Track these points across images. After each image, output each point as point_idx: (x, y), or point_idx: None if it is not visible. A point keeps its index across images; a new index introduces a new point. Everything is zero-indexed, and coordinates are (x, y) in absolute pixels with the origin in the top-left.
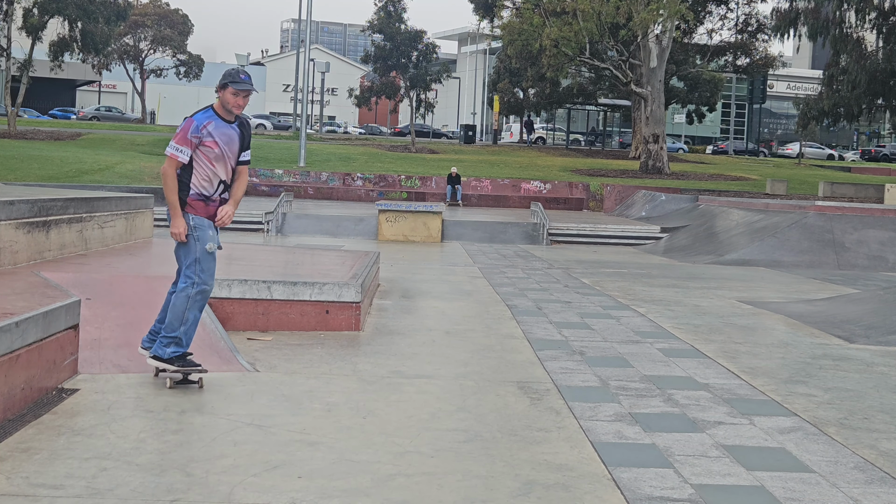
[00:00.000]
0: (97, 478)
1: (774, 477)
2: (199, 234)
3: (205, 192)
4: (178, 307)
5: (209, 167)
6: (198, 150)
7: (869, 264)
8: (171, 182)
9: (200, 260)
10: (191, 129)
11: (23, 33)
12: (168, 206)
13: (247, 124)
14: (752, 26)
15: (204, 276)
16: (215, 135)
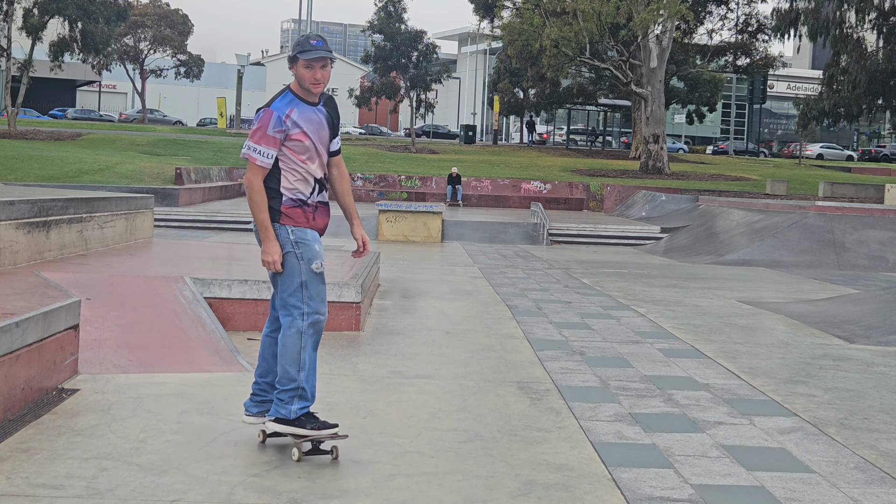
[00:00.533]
0: (97, 478)
1: (775, 477)
2: (302, 251)
3: (302, 196)
4: (289, 349)
5: (301, 165)
6: (284, 147)
7: (869, 264)
8: (259, 196)
9: (307, 284)
10: (272, 123)
11: (23, 33)
12: (257, 225)
13: (333, 103)
14: (752, 26)
15: (314, 302)
16: (302, 123)
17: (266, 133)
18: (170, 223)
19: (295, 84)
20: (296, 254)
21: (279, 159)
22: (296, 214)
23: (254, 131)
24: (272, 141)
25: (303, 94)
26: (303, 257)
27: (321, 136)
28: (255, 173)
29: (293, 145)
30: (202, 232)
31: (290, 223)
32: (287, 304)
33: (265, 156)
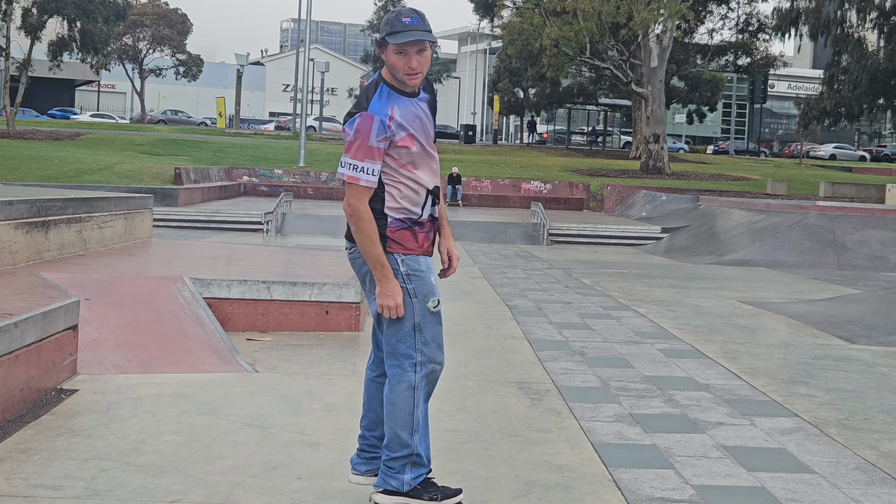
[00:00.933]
0: (96, 478)
1: (775, 478)
2: (415, 286)
3: (412, 215)
4: (400, 409)
5: (408, 176)
6: (386, 157)
7: (870, 264)
8: (369, 225)
9: (422, 326)
10: (375, 131)
11: (22, 33)
12: (369, 261)
13: (432, 87)
14: (752, 26)
15: (429, 349)
16: (407, 124)
17: (368, 144)
18: (169, 223)
19: (387, 72)
20: (408, 290)
21: (383, 176)
22: (405, 238)
23: (351, 144)
24: (376, 153)
25: (398, 84)
26: (416, 293)
27: (427, 135)
28: (361, 197)
29: (398, 153)
30: (201, 232)
31: (398, 250)
32: (396, 352)
33: (370, 173)
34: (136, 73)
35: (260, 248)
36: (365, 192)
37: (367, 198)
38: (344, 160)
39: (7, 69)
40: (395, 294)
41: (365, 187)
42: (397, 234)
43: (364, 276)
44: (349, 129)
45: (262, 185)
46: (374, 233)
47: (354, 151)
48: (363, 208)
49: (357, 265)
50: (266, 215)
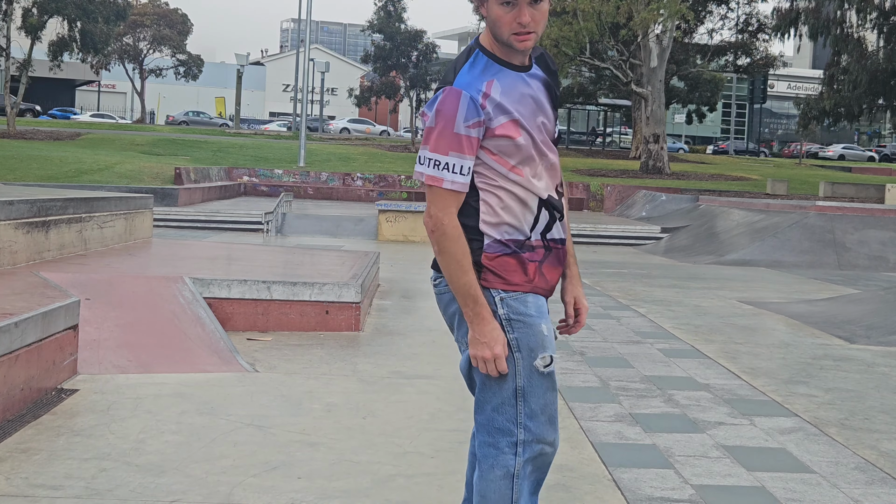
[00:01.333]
0: (96, 478)
1: (775, 477)
2: (518, 336)
3: (519, 236)
4: (490, 499)
5: (512, 178)
6: (482, 152)
7: (870, 264)
8: (455, 245)
9: (526, 392)
10: (463, 111)
11: (22, 33)
12: (457, 292)
13: (549, 61)
14: (752, 26)
15: (536, 424)
16: (509, 105)
17: (454, 131)
18: (169, 223)
19: (487, 36)
20: (508, 341)
21: (475, 176)
22: (507, 269)
23: (430, 131)
24: (466, 144)
25: (502, 52)
26: (520, 346)
27: (542, 124)
28: (446, 205)
29: (497, 146)
30: (201, 232)
31: (498, 285)
32: (491, 425)
33: (459, 171)
34: (136, 73)
35: (260, 247)
36: (452, 199)
37: (456, 207)
38: (422, 153)
39: (7, 69)
40: (492, 341)
41: (451, 191)
42: (497, 262)
43: (452, 318)
44: (428, 111)
45: (262, 185)
46: (465, 255)
47: (435, 141)
48: (449, 221)
49: (444, 302)
50: (266, 215)
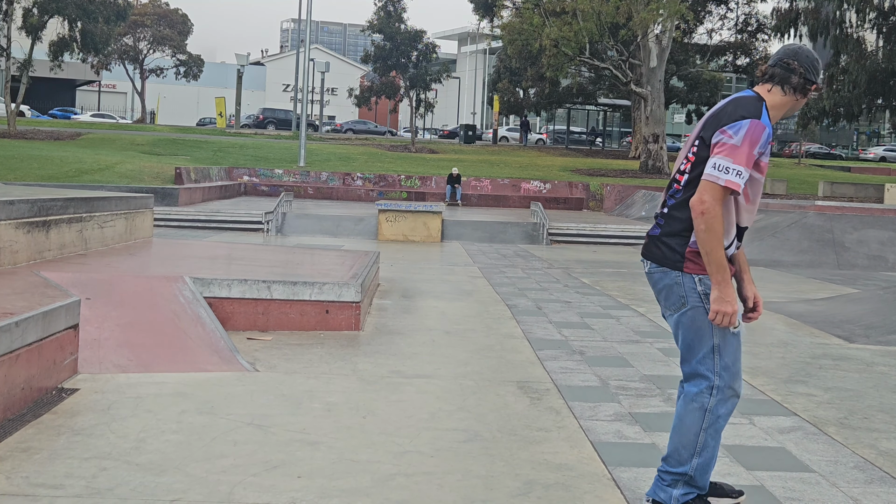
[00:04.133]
0: (97, 477)
1: (774, 476)
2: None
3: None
4: (687, 427)
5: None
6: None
7: (869, 264)
8: (720, 225)
9: (721, 349)
10: (762, 142)
11: (22, 33)
12: (710, 262)
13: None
14: (751, 26)
15: (728, 374)
16: (767, 150)
17: (752, 152)
18: (169, 223)
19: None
20: (705, 309)
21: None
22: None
23: (736, 149)
24: (751, 162)
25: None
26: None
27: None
28: (720, 197)
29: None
30: (202, 231)
31: (696, 270)
32: (695, 372)
33: (741, 178)
34: (136, 73)
35: (260, 247)
36: (726, 194)
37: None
38: (721, 163)
39: (8, 69)
40: (733, 301)
41: (728, 188)
42: (697, 256)
43: (660, 292)
44: (733, 133)
45: (262, 185)
46: (723, 235)
47: (740, 156)
48: (719, 209)
49: (653, 280)
50: (266, 215)
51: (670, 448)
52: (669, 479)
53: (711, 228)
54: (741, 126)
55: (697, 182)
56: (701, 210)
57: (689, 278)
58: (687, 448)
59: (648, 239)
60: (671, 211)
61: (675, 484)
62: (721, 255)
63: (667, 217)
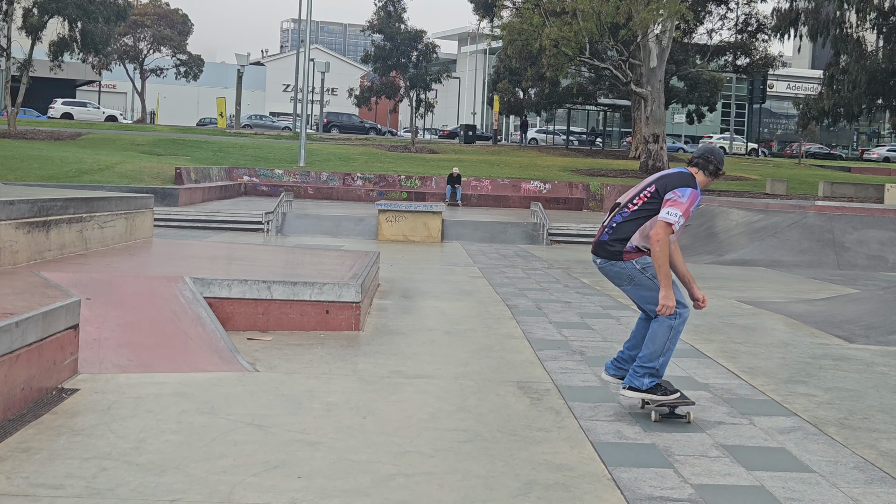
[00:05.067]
0: (97, 478)
1: (774, 477)
2: (652, 272)
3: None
4: (659, 337)
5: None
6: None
7: (869, 264)
8: (667, 249)
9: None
10: (695, 206)
11: (22, 33)
12: (660, 271)
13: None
14: (752, 26)
15: (680, 306)
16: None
17: (690, 209)
18: (170, 223)
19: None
20: (645, 276)
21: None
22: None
23: (681, 204)
24: (689, 215)
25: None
26: (654, 275)
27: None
28: (668, 232)
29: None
30: (202, 232)
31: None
32: (652, 303)
33: (682, 224)
34: (136, 73)
35: (260, 247)
36: (670, 231)
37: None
38: (673, 211)
39: (8, 69)
40: (673, 298)
41: (672, 228)
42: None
43: (611, 277)
44: (681, 195)
45: (262, 185)
46: (668, 255)
47: (684, 210)
48: (667, 239)
49: (611, 274)
50: (266, 215)
51: (645, 351)
52: (642, 371)
53: (663, 250)
54: (687, 192)
55: (642, 214)
56: (657, 239)
57: (629, 264)
58: (657, 351)
59: (599, 242)
60: (619, 226)
61: (646, 375)
62: (667, 267)
63: (615, 229)
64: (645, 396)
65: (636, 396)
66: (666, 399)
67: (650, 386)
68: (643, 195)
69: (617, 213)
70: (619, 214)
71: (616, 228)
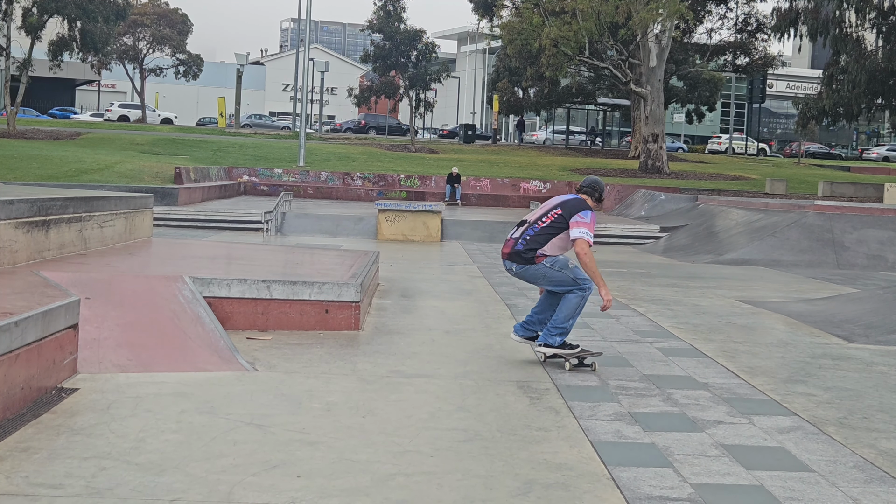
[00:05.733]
0: (96, 477)
1: (774, 476)
2: (560, 264)
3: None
4: (572, 304)
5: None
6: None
7: (868, 264)
8: (593, 258)
9: (575, 274)
10: (595, 220)
11: (22, 33)
12: (595, 277)
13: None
14: (751, 26)
15: (584, 281)
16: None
17: (593, 225)
18: (169, 222)
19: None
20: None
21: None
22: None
23: (587, 224)
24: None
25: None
26: (561, 267)
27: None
28: (588, 245)
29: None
30: (201, 231)
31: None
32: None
33: (591, 237)
34: (136, 72)
35: (260, 247)
36: (587, 244)
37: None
38: (584, 231)
39: (7, 69)
40: (610, 294)
41: (588, 242)
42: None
43: (529, 279)
44: (584, 216)
45: (261, 185)
46: (595, 262)
47: (591, 227)
48: (589, 250)
49: (527, 275)
50: (266, 214)
51: (559, 315)
52: (556, 331)
53: (591, 259)
54: (588, 213)
55: (551, 231)
56: (584, 252)
57: (541, 265)
58: (568, 315)
59: (514, 252)
60: (532, 238)
61: (558, 334)
62: (598, 271)
63: (528, 241)
64: (558, 351)
65: (550, 351)
66: (573, 352)
67: (560, 343)
68: (550, 215)
69: (528, 229)
70: (532, 229)
71: (530, 241)
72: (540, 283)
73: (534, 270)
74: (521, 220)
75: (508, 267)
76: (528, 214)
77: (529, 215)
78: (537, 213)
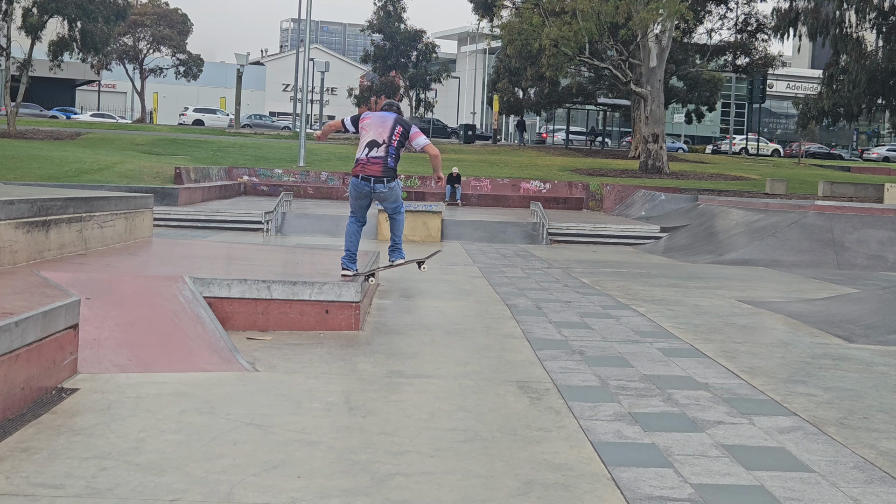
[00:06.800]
0: (97, 477)
1: (774, 476)
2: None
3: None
4: (401, 224)
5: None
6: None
7: (868, 264)
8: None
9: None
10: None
11: (22, 33)
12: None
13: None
14: (751, 26)
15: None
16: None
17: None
18: (169, 223)
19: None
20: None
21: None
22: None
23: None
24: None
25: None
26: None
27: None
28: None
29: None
30: (201, 231)
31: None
32: (399, 209)
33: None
34: (136, 72)
35: (260, 247)
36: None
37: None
38: (422, 138)
39: (8, 69)
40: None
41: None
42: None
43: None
44: (419, 129)
45: (262, 185)
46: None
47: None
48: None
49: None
50: (266, 215)
51: (395, 235)
52: (396, 247)
53: (438, 157)
54: (416, 128)
55: (399, 147)
56: (435, 154)
57: (397, 181)
58: (399, 233)
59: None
60: (395, 155)
61: (398, 252)
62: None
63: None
64: (406, 262)
65: (403, 263)
66: (414, 259)
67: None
68: (396, 134)
69: (388, 146)
70: (392, 147)
71: (395, 157)
72: (389, 202)
73: (394, 186)
74: (370, 141)
75: (376, 188)
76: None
77: (375, 135)
78: (385, 133)
